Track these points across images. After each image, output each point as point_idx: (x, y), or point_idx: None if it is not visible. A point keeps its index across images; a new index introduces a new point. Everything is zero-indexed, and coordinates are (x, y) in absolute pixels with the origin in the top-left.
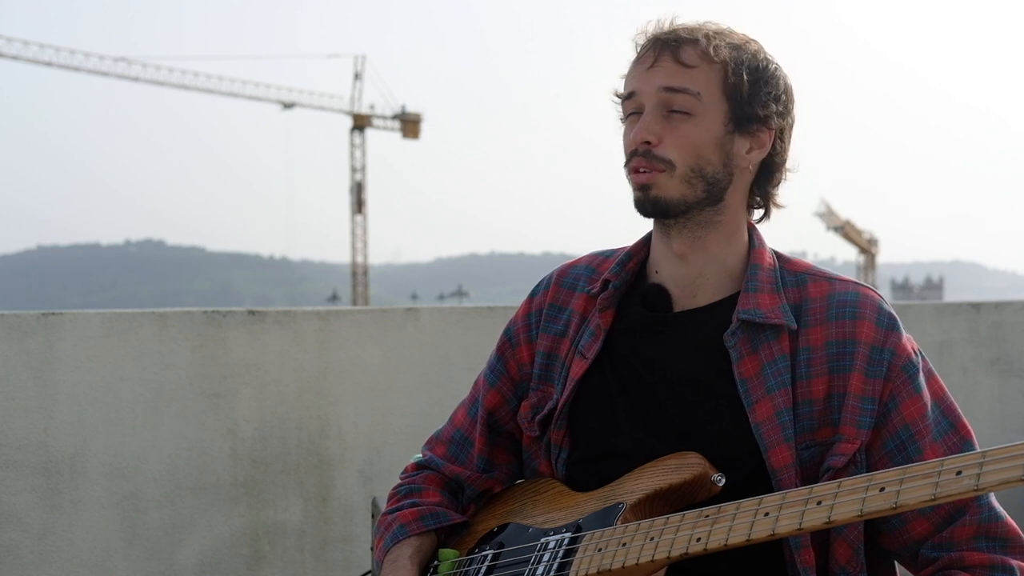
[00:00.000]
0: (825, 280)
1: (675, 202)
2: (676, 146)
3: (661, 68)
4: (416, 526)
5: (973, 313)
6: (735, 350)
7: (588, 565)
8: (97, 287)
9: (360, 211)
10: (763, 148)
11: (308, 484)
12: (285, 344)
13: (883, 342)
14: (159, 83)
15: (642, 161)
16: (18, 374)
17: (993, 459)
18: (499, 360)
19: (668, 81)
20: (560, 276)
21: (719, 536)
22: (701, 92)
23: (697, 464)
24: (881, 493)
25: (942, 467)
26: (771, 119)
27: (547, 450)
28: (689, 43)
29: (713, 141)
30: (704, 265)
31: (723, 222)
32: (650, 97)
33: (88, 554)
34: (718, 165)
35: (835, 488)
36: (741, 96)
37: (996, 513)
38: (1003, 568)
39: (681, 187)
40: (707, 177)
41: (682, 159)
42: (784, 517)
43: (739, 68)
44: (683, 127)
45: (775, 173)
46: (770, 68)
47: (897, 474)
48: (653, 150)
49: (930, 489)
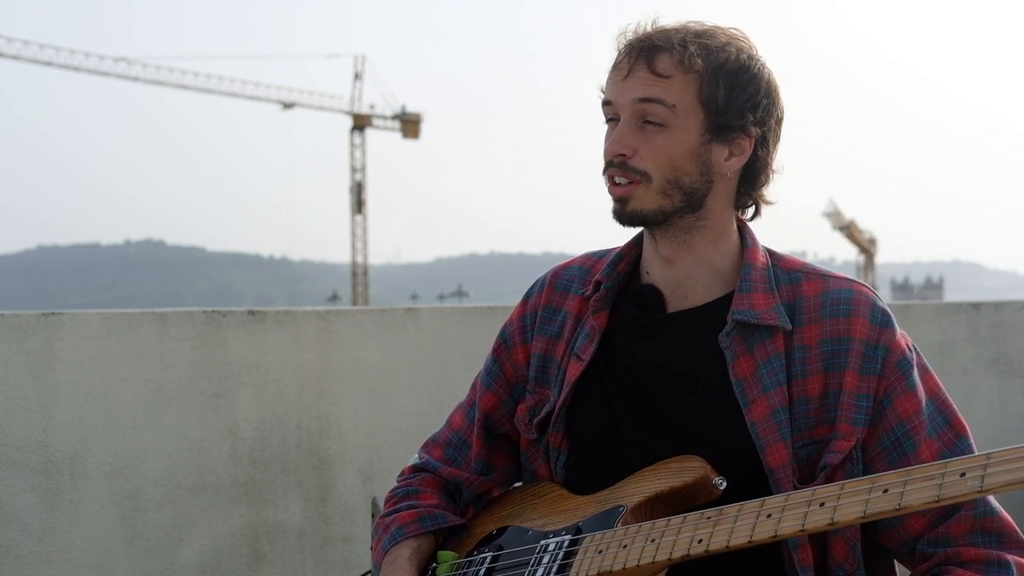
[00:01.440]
0: (819, 278)
1: (652, 213)
2: (651, 158)
3: (635, 78)
4: (414, 528)
5: (973, 313)
6: (730, 350)
7: (589, 567)
8: (97, 287)
9: (360, 211)
10: (743, 154)
11: (308, 484)
12: (285, 344)
13: (877, 339)
14: (159, 83)
15: (617, 172)
16: (18, 374)
17: (997, 461)
18: (495, 362)
19: (642, 92)
20: (554, 278)
21: (721, 538)
22: (676, 104)
23: (699, 468)
24: (884, 495)
25: (946, 469)
26: (749, 126)
27: (546, 453)
28: (664, 51)
29: (688, 152)
30: (692, 267)
31: (707, 226)
32: (625, 108)
33: (88, 554)
34: (695, 175)
35: (838, 490)
36: (717, 105)
37: (992, 508)
38: (999, 563)
39: (658, 198)
40: (684, 187)
41: (658, 171)
42: (787, 519)
43: (715, 77)
44: (657, 139)
45: (759, 176)
46: (751, 71)
47: (900, 476)
48: (628, 162)
49: (934, 491)
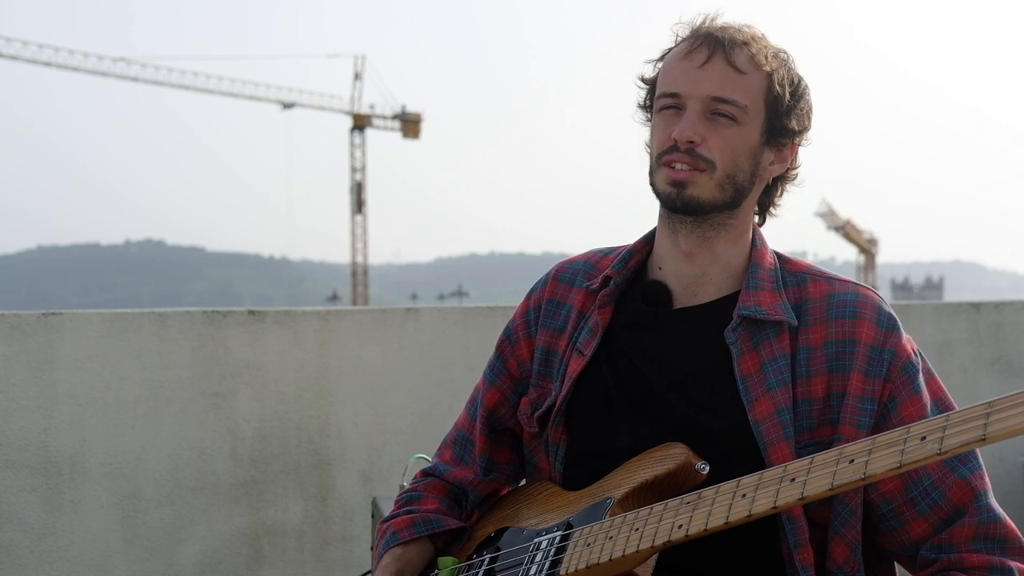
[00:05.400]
0: (824, 280)
1: (706, 203)
2: (719, 149)
3: (713, 70)
4: (407, 533)
5: (973, 313)
6: (735, 347)
7: (577, 561)
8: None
9: (360, 211)
10: (784, 163)
11: (308, 484)
12: (285, 344)
13: (883, 342)
14: (158, 83)
15: (684, 157)
16: (18, 374)
17: (954, 422)
18: (498, 358)
19: (719, 91)
20: (558, 272)
21: (699, 521)
22: (749, 104)
23: (680, 454)
24: (851, 465)
25: (908, 434)
26: (798, 134)
27: (545, 447)
28: (741, 45)
29: (750, 149)
30: (709, 264)
31: (734, 225)
32: (697, 100)
33: (88, 554)
34: (747, 174)
35: (807, 464)
36: (780, 108)
37: (995, 514)
38: (1002, 569)
39: (715, 190)
40: (737, 184)
41: (723, 162)
42: (760, 497)
43: (783, 80)
44: (728, 131)
45: (784, 184)
46: (803, 83)
47: (866, 445)
48: (697, 149)
49: (896, 457)
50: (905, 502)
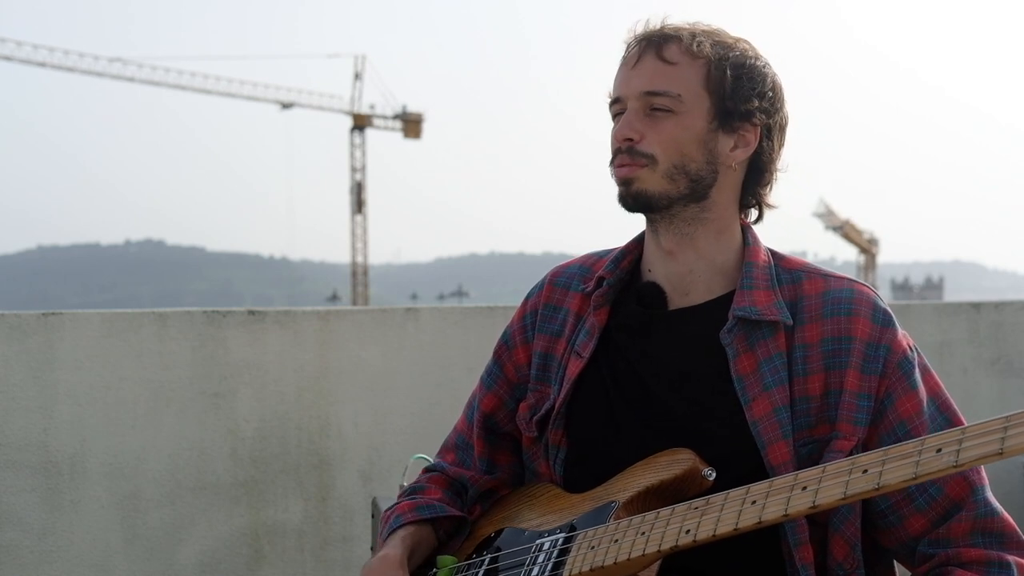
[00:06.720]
0: (820, 277)
1: (656, 196)
2: (659, 142)
3: (644, 67)
4: (411, 515)
5: (973, 313)
6: (731, 347)
7: (581, 563)
8: (97, 287)
9: (360, 211)
10: (748, 146)
11: (308, 484)
12: (285, 344)
13: (878, 338)
14: (155, 83)
15: (625, 158)
16: (18, 374)
17: (971, 435)
18: (496, 364)
19: (648, 85)
20: (554, 276)
21: (708, 527)
22: (682, 93)
23: (687, 459)
24: (864, 475)
25: (922, 446)
26: (755, 115)
27: (545, 451)
28: (673, 40)
29: (695, 138)
30: (694, 262)
31: (711, 219)
32: (632, 99)
33: (88, 554)
34: (701, 162)
35: (820, 473)
36: (724, 91)
37: (992, 509)
38: (1000, 564)
39: (663, 182)
40: (690, 174)
41: (664, 155)
42: (771, 504)
43: (722, 64)
44: (666, 123)
45: (764, 173)
46: (757, 65)
47: (879, 456)
48: (635, 146)
49: (911, 468)
50: (903, 498)
